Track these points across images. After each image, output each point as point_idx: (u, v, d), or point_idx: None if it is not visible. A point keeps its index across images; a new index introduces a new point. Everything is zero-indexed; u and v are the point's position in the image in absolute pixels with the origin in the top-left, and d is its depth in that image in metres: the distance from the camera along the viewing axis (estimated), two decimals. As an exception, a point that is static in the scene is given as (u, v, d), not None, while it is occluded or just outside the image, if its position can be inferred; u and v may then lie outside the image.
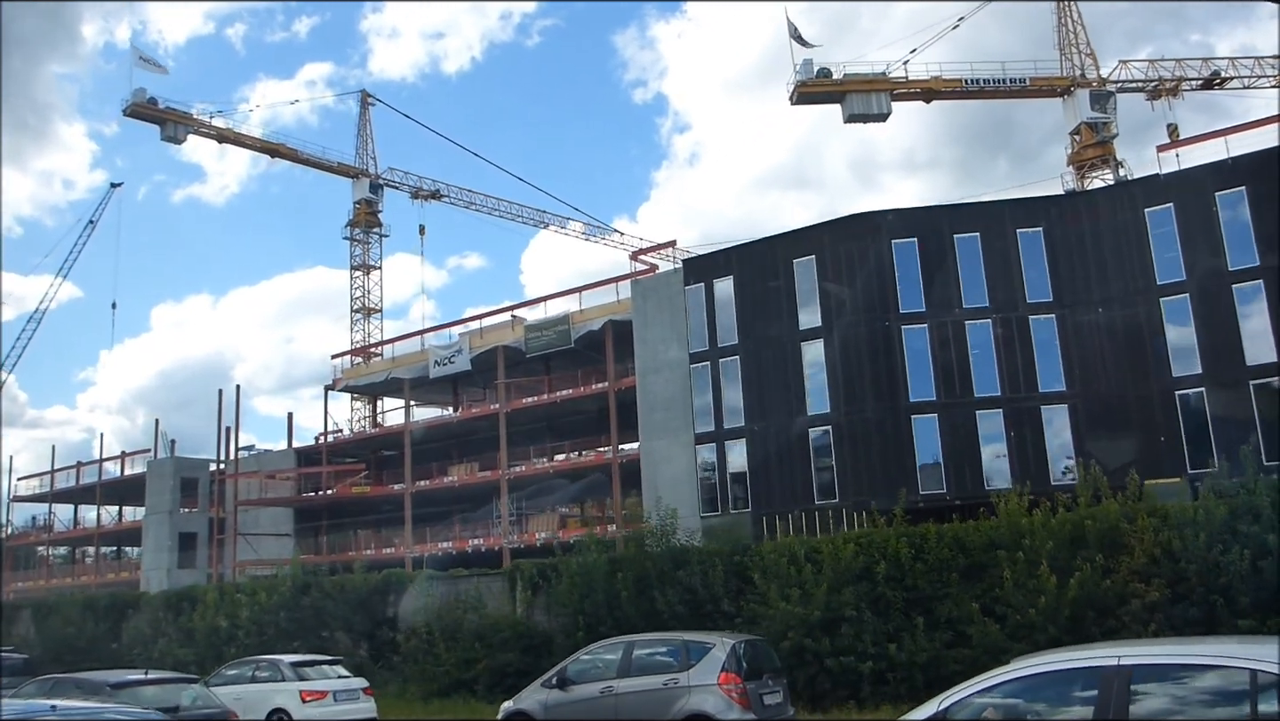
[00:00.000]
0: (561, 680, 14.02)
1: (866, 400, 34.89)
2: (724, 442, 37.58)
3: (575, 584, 18.34)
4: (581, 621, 17.91)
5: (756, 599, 16.57)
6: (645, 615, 17.51)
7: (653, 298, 40.36)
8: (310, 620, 21.86)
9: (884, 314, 34.94)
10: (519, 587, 20.32)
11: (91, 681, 12.99)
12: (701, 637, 13.76)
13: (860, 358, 35.15)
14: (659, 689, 12.97)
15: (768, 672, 13.51)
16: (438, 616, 20.62)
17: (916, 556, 15.70)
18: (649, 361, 39.92)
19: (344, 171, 71.51)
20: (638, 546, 18.33)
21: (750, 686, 12.75)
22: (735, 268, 38.16)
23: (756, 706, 12.67)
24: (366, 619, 21.73)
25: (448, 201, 71.56)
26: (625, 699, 13.18)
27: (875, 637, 15.15)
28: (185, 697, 13.25)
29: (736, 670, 12.74)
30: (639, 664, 13.59)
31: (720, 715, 12.40)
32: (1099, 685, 5.51)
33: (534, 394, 46.68)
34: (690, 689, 12.70)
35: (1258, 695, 5.08)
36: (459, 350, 48.36)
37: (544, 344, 45.44)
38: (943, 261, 34.90)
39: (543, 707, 13.92)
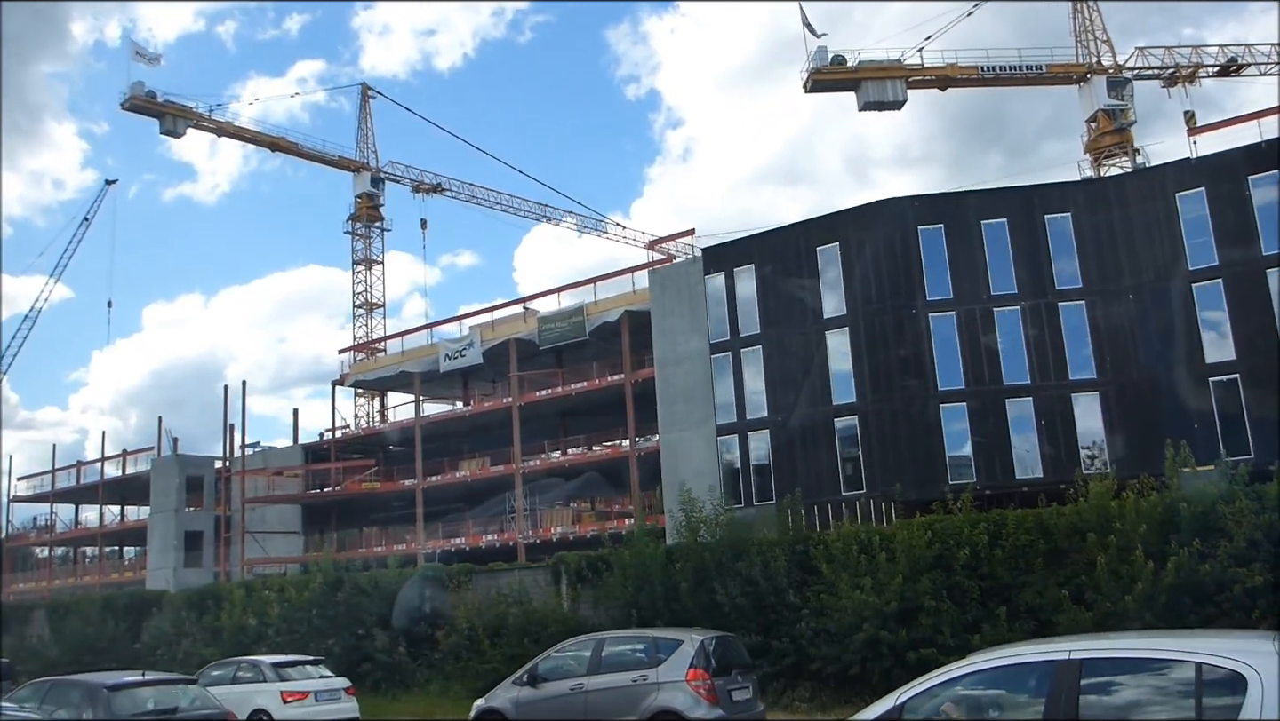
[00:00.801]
0: (533, 677, 14.04)
1: (894, 389, 34.28)
2: (747, 434, 36.92)
3: (628, 576, 17.65)
4: (635, 615, 17.24)
5: (823, 589, 15.90)
6: (704, 608, 16.84)
7: (671, 287, 39.67)
8: (344, 617, 21.15)
9: (910, 301, 34.33)
10: (564, 581, 19.62)
11: (89, 683, 12.68)
12: (670, 634, 13.76)
13: (887, 346, 34.53)
14: (628, 685, 13.00)
15: (737, 669, 13.49)
16: (478, 611, 19.91)
17: (993, 543, 15.05)
18: (668, 352, 39.24)
19: (345, 165, 70.77)
20: (693, 536, 17.60)
21: (718, 682, 12.77)
22: (756, 256, 37.50)
23: (725, 702, 12.69)
24: (402, 615, 21.01)
25: (449, 195, 70.86)
26: (595, 695, 13.22)
27: (955, 628, 14.50)
28: (184, 699, 12.97)
29: (705, 666, 12.77)
30: (609, 661, 13.61)
31: (688, 711, 12.43)
32: (1051, 678, 5.56)
33: (547, 387, 45.95)
34: (659, 685, 12.74)
35: (1203, 689, 5.15)
36: (470, 343, 47.62)
37: (557, 336, 44.75)
38: (970, 247, 34.30)
39: (514, 705, 13.91)
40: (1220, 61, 49.46)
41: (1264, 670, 5.04)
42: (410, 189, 71.07)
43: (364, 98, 73.88)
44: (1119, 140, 48.47)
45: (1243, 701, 4.99)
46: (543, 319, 45.25)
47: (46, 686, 13.32)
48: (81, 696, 12.35)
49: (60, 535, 63.20)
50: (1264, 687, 4.97)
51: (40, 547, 74.64)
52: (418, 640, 20.60)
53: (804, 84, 47.74)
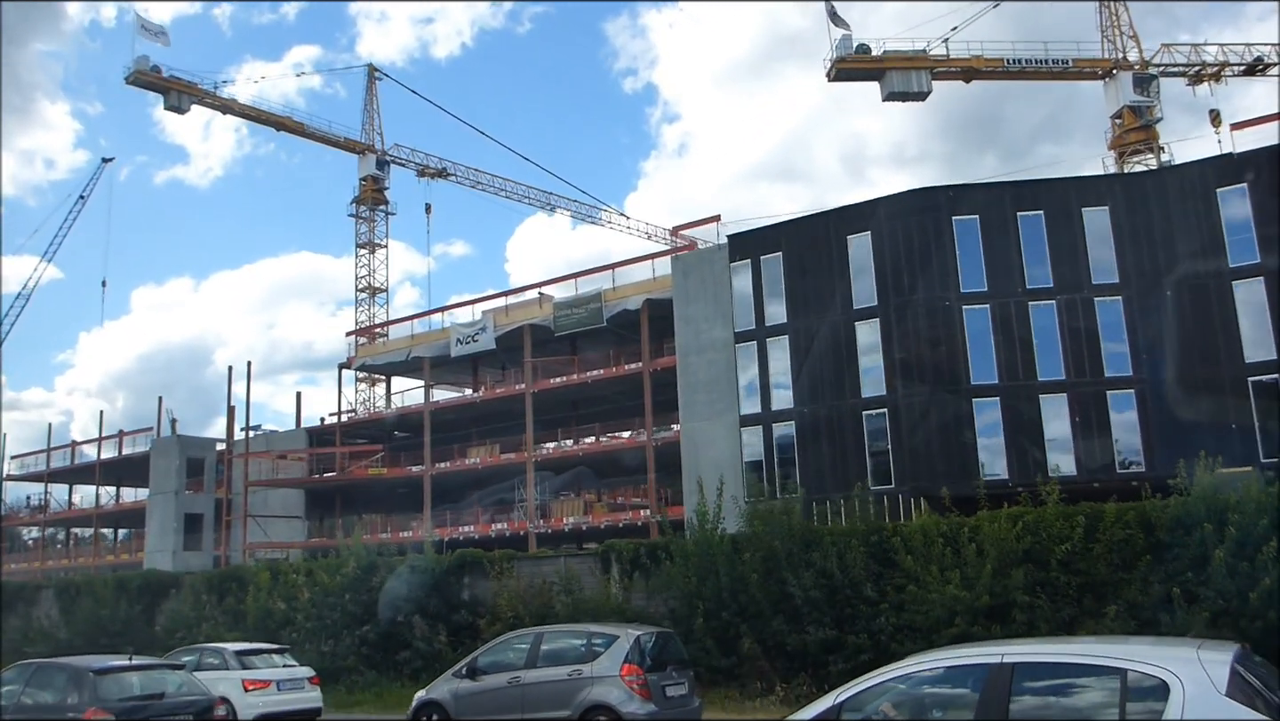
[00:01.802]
0: (472, 670, 14.05)
1: (925, 382, 33.52)
2: (771, 425, 36.15)
3: (691, 565, 16.81)
4: (701, 606, 16.39)
5: (905, 581, 15.10)
6: (775, 600, 16.02)
7: (694, 274, 38.85)
8: (379, 602, 20.25)
9: (944, 293, 33.58)
10: (615, 569, 18.77)
11: (74, 666, 12.43)
12: (607, 630, 13.83)
13: (919, 338, 33.78)
14: (564, 679, 13.06)
15: (672, 665, 13.49)
16: (523, 600, 19.05)
17: (1089, 536, 14.28)
18: (691, 341, 38.42)
19: (351, 147, 69.80)
20: (764, 524, 16.76)
21: (652, 678, 12.81)
22: (784, 244, 36.71)
23: (658, 698, 12.74)
24: (441, 602, 20.14)
25: (454, 180, 70.03)
26: (531, 689, 13.29)
27: (1051, 626, 13.72)
28: (171, 684, 12.71)
29: (639, 662, 12.84)
30: (546, 655, 13.65)
31: (621, 706, 12.50)
32: (984, 681, 5.67)
33: (560, 374, 45.10)
34: (593, 680, 12.82)
35: (1127, 695, 5.26)
36: (483, 328, 46.69)
37: (574, 322, 43.88)
38: (1005, 240, 33.59)
39: (453, 697, 13.95)
40: (1247, 60, 48.88)
41: (1186, 677, 5.14)
42: (415, 173, 70.16)
43: (370, 79, 72.76)
44: (1144, 137, 47.87)
45: (1164, 707, 5.09)
46: (559, 305, 44.36)
47: (31, 669, 12.99)
48: (67, 680, 12.12)
49: (55, 515, 61.94)
50: (1185, 694, 5.06)
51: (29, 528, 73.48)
52: (459, 628, 19.73)
53: (828, 73, 46.95)
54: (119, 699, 11.80)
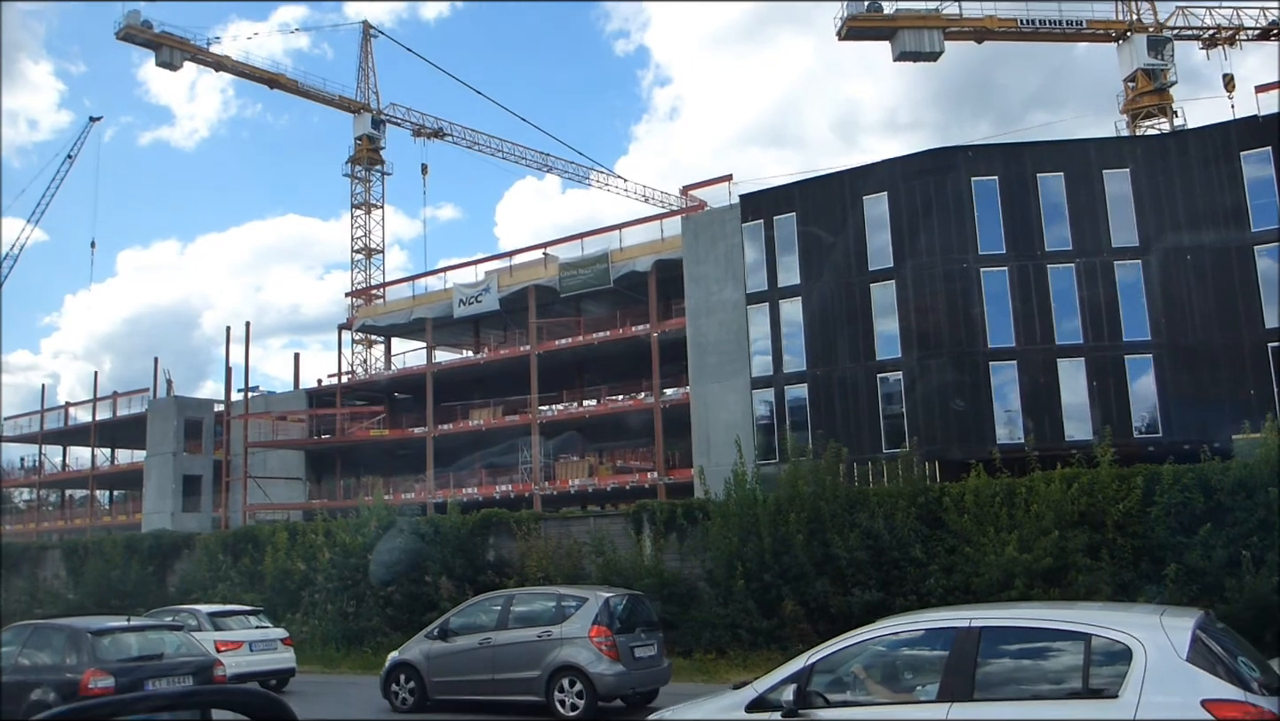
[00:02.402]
0: (444, 631, 14.18)
1: (942, 345, 33.17)
2: (783, 387, 35.76)
3: (732, 526, 16.40)
4: (741, 567, 15.99)
5: (957, 543, 14.73)
6: (820, 562, 15.64)
7: (705, 235, 38.30)
8: (403, 564, 19.82)
9: (962, 255, 33.14)
10: (647, 530, 18.37)
11: (73, 627, 12.32)
12: (577, 591, 13.98)
13: (936, 301, 33.35)
14: (534, 641, 13.19)
15: (641, 626, 13.65)
16: (552, 560, 18.65)
17: (1146, 499, 13.91)
18: (701, 302, 37.93)
19: (345, 105, 68.56)
20: (810, 483, 16.34)
21: (621, 640, 12.96)
22: (798, 204, 36.17)
23: (627, 659, 12.90)
24: (466, 562, 19.72)
25: (450, 140, 68.85)
26: (502, 650, 13.44)
27: (1112, 588, 13.38)
28: (169, 645, 12.61)
29: (608, 623, 12.98)
30: (516, 617, 13.78)
31: (589, 666, 12.68)
32: (952, 644, 5.76)
33: (565, 336, 44.54)
34: (563, 641, 12.95)
35: (1091, 659, 5.39)
36: (486, 288, 46.06)
37: (580, 283, 43.29)
38: (1025, 201, 33.12)
39: (425, 658, 14.10)
40: (1261, 25, 48.23)
41: (1148, 642, 5.23)
42: (411, 133, 69.09)
43: (365, 36, 71.35)
44: (1158, 100, 47.22)
45: (1127, 671, 5.19)
46: (564, 265, 43.74)
47: (29, 630, 12.80)
48: (65, 641, 11.98)
49: (50, 476, 61.29)
50: (1147, 659, 5.16)
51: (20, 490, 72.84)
52: (484, 589, 19.26)
53: (838, 31, 46.10)
54: (118, 660, 11.71)
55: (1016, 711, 5.45)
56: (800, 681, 5.98)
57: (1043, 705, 5.49)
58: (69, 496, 67.02)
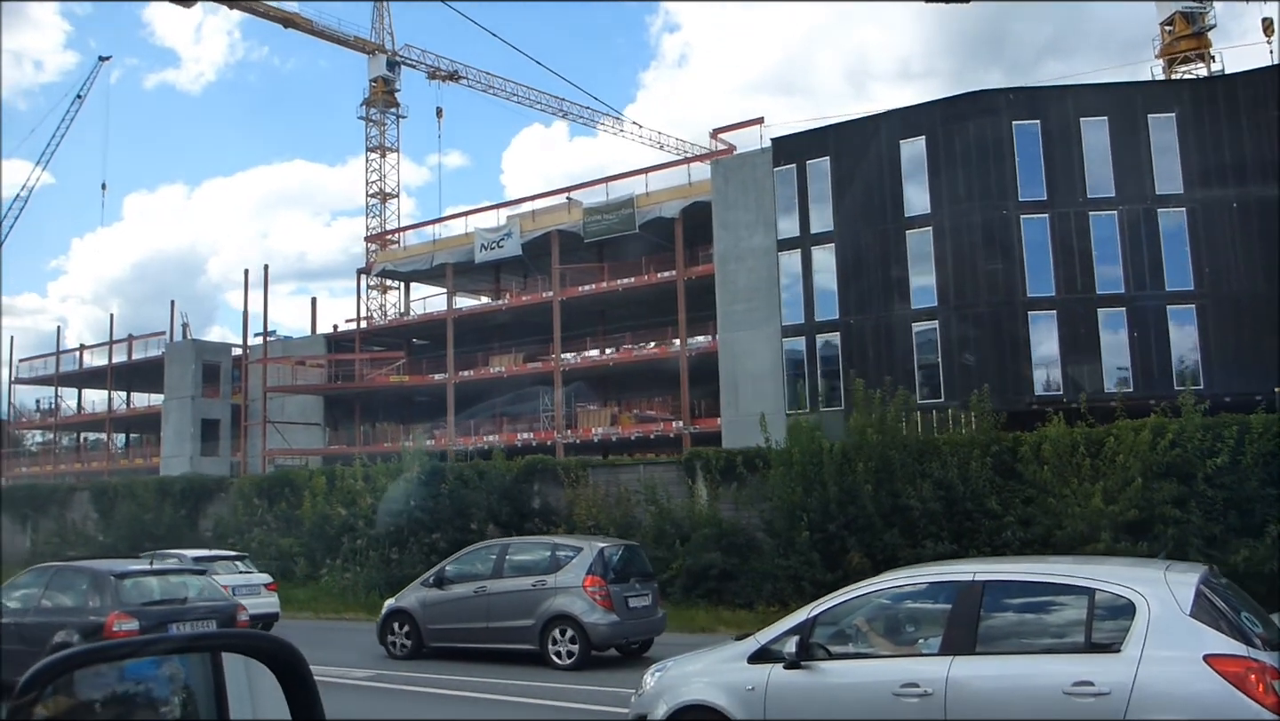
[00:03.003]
0: (440, 579, 14.25)
1: (979, 294, 32.53)
2: (815, 336, 35.18)
3: (794, 475, 15.91)
4: (806, 519, 15.52)
5: (1034, 493, 14.25)
6: (887, 513, 15.18)
7: (735, 179, 37.49)
8: (447, 510, 19.41)
9: (1001, 201, 32.39)
10: (700, 478, 17.91)
11: (96, 570, 12.10)
12: (571, 541, 14.09)
13: (974, 248, 32.66)
14: (528, 590, 13.24)
15: (635, 576, 13.68)
16: (603, 509, 18.22)
17: (1236, 449, 13.40)
18: (730, 248, 37.23)
19: (360, 46, 67.43)
20: (873, 434, 15.82)
21: (615, 589, 13.01)
22: (832, 148, 35.33)
23: (620, 608, 12.97)
24: (512, 509, 19.31)
25: (465, 84, 67.78)
26: (496, 598, 13.51)
27: (1202, 541, 12.91)
28: (192, 589, 12.45)
29: (602, 573, 13.03)
30: (511, 566, 13.85)
31: (583, 616, 12.74)
32: (955, 598, 5.79)
33: (588, 282, 43.91)
34: (557, 590, 13.02)
35: (1094, 614, 5.40)
36: (508, 233, 45.35)
37: (605, 228, 42.57)
38: (1067, 146, 32.28)
39: (421, 605, 14.17)
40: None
41: (1152, 597, 5.25)
42: (425, 75, 68.04)
43: (380, -25, 70.01)
44: (1196, 45, 46.15)
45: (1130, 626, 5.22)
46: (589, 210, 42.98)
47: (51, 571, 12.67)
48: (89, 583, 11.86)
49: (66, 419, 61.01)
50: (1150, 613, 5.19)
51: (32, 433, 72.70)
52: (531, 537, 18.93)
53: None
54: (142, 603, 11.56)
55: (1018, 665, 5.51)
56: (803, 633, 6.02)
57: (1045, 659, 5.53)
58: (83, 440, 66.79)
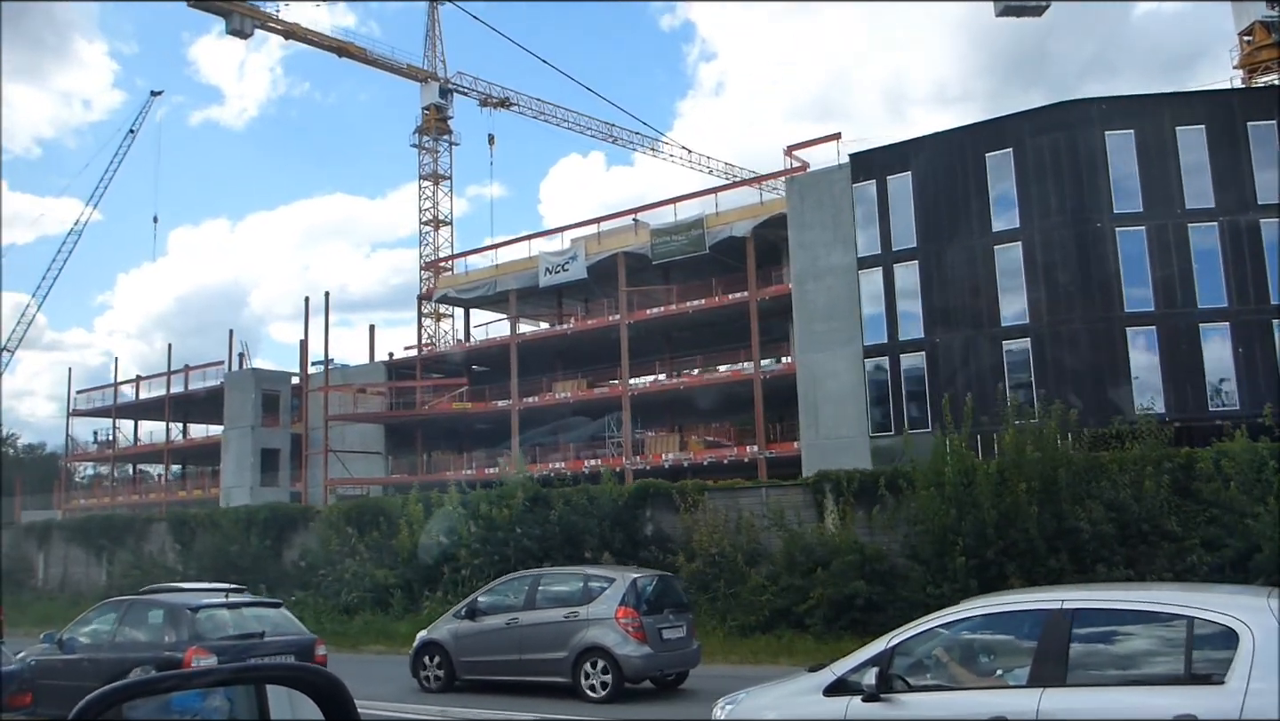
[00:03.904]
0: (472, 611, 14.13)
1: (1074, 310, 31.35)
2: (899, 356, 34.05)
3: (945, 495, 14.83)
4: (961, 543, 14.43)
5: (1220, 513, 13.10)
6: (1051, 537, 14.06)
7: (811, 196, 36.55)
8: (556, 538, 18.47)
9: (1095, 214, 31.25)
10: (830, 501, 16.86)
11: (172, 604, 11.64)
12: (604, 571, 13.89)
13: (1067, 263, 31.54)
14: (560, 621, 13.09)
15: (669, 608, 13.46)
16: (724, 534, 17.20)
17: None
18: (807, 267, 36.23)
19: (413, 74, 67.49)
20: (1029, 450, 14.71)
21: (648, 621, 12.82)
22: (914, 163, 34.35)
23: (654, 640, 12.79)
24: (625, 536, 18.35)
25: (517, 110, 67.64)
26: (529, 630, 13.37)
27: None
28: (270, 622, 11.95)
29: (635, 605, 12.86)
30: (544, 597, 13.70)
31: (616, 648, 12.56)
32: (1042, 628, 5.54)
33: (655, 305, 43.08)
34: (589, 622, 12.86)
35: (1193, 643, 5.15)
36: (573, 256, 44.64)
37: (673, 250, 41.74)
38: (1163, 156, 31.13)
39: (453, 637, 14.04)
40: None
41: (1256, 626, 4.99)
42: (478, 102, 68.01)
43: (432, 4, 70.17)
44: (1277, 55, 44.73)
45: (1234, 656, 4.95)
46: (657, 231, 42.19)
47: (125, 605, 12.17)
48: (164, 617, 11.43)
49: (124, 450, 60.83)
50: (1255, 643, 4.93)
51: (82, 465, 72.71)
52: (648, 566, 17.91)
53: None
54: (220, 637, 11.12)
55: (1113, 697, 5.22)
56: (882, 664, 5.77)
57: (1141, 691, 5.20)
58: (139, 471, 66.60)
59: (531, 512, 19.02)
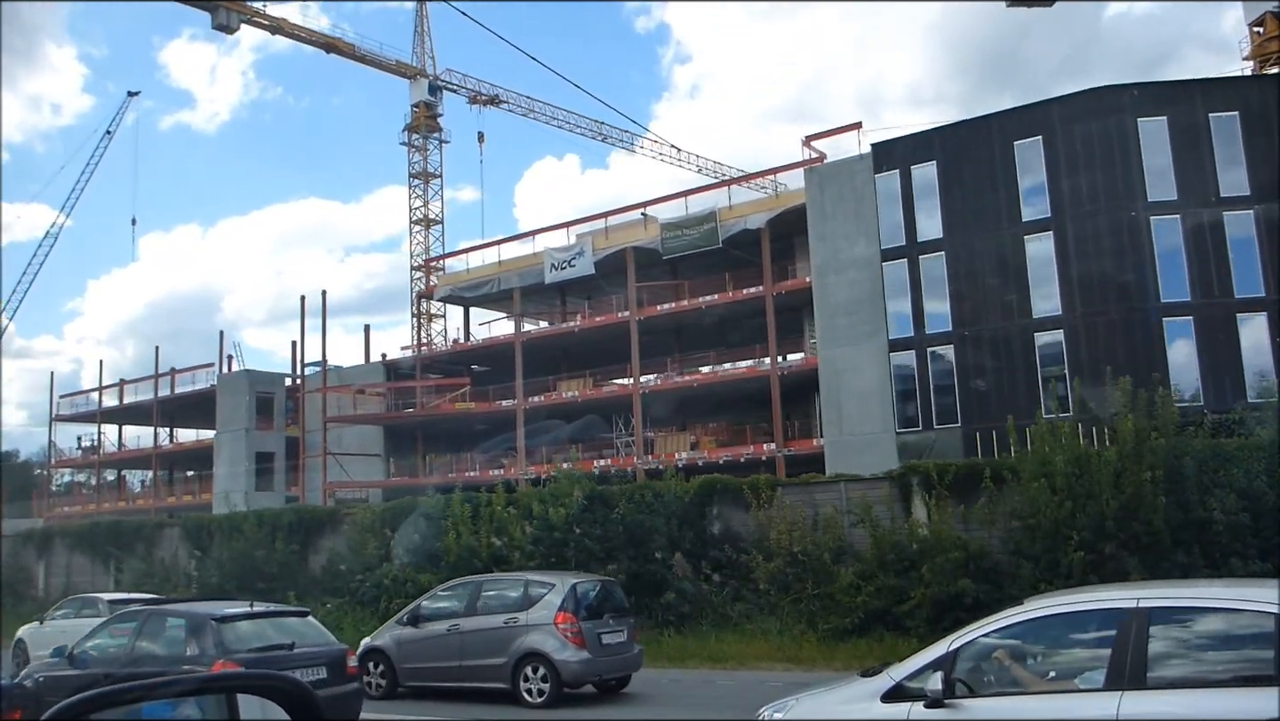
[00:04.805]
0: (415, 617, 14.17)
1: (1108, 301, 30.68)
2: (926, 349, 33.26)
3: (1056, 486, 13.90)
4: (1075, 537, 13.51)
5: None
6: (1177, 529, 13.18)
7: (831, 187, 35.71)
8: (619, 538, 17.40)
9: (1129, 203, 30.58)
10: (916, 496, 15.91)
11: (193, 613, 10.92)
12: (544, 577, 13.91)
13: (1100, 252, 30.85)
14: (500, 627, 13.14)
15: (610, 613, 13.57)
16: (801, 532, 16.21)
17: None
18: (829, 259, 35.38)
19: (402, 71, 66.21)
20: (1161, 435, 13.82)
21: (587, 626, 12.91)
22: (939, 152, 33.60)
23: (593, 646, 12.87)
24: (693, 535, 17.33)
25: (506, 108, 66.56)
26: (470, 636, 13.42)
27: None
28: (297, 633, 11.25)
29: (574, 610, 12.95)
30: (485, 603, 13.71)
31: (555, 654, 12.67)
32: (1116, 627, 5.30)
33: (664, 301, 42.08)
34: (529, 627, 12.93)
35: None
36: (580, 252, 43.55)
37: (685, 244, 40.73)
38: (1197, 143, 30.51)
39: (396, 644, 14.07)
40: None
41: None
42: (467, 100, 66.92)
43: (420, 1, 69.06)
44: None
45: None
46: (667, 225, 41.18)
47: (143, 616, 11.37)
48: (186, 628, 10.72)
49: (110, 456, 59.10)
50: None
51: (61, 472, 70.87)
52: (719, 566, 16.93)
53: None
54: (248, 649, 10.40)
55: (1197, 700, 4.94)
56: (944, 668, 5.50)
57: (1226, 693, 4.94)
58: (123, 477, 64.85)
59: (590, 512, 17.95)
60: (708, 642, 15.50)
